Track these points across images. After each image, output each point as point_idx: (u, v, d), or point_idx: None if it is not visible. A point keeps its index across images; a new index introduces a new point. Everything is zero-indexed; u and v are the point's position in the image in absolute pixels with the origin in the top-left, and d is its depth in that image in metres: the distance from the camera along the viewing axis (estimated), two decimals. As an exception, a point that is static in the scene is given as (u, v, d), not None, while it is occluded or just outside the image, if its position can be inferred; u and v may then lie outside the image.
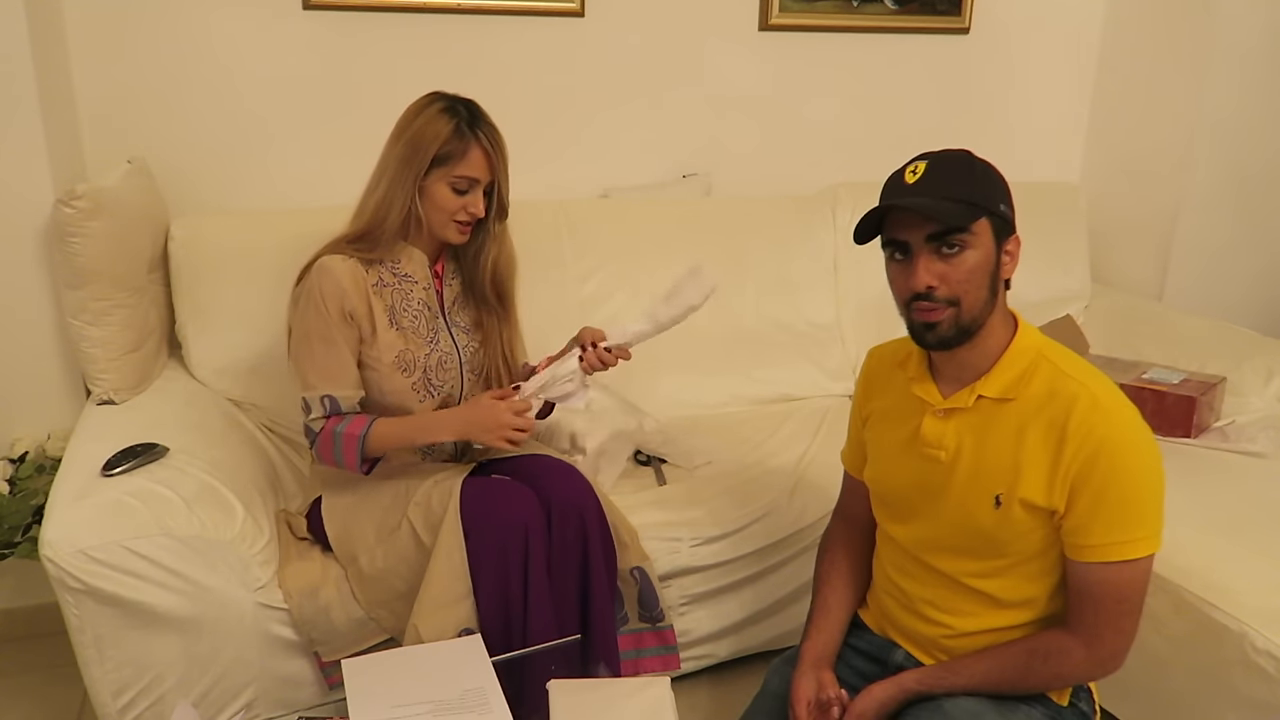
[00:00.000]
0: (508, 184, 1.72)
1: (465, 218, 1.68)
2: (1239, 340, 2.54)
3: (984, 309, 1.25)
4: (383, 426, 1.66)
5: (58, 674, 1.95)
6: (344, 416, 1.66)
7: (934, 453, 1.32)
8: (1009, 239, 1.27)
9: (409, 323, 1.73)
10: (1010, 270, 1.28)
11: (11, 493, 1.95)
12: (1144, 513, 1.22)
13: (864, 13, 2.76)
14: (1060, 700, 1.33)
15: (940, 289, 1.23)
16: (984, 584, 1.32)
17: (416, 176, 1.64)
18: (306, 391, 1.67)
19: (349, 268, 1.66)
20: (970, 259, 1.23)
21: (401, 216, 1.67)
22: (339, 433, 1.64)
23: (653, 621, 1.81)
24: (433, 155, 1.63)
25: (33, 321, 2.02)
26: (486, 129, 1.66)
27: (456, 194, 1.66)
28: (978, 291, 1.24)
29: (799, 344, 2.58)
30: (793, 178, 2.75)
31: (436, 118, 1.64)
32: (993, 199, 1.24)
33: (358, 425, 1.64)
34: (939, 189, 1.23)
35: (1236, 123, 2.79)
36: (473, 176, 1.65)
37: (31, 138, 1.93)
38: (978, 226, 1.23)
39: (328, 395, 1.65)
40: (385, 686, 1.30)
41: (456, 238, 1.71)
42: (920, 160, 1.26)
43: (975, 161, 1.27)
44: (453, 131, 1.63)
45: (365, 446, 1.65)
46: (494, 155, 1.67)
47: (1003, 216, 1.25)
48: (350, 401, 1.67)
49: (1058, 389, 1.24)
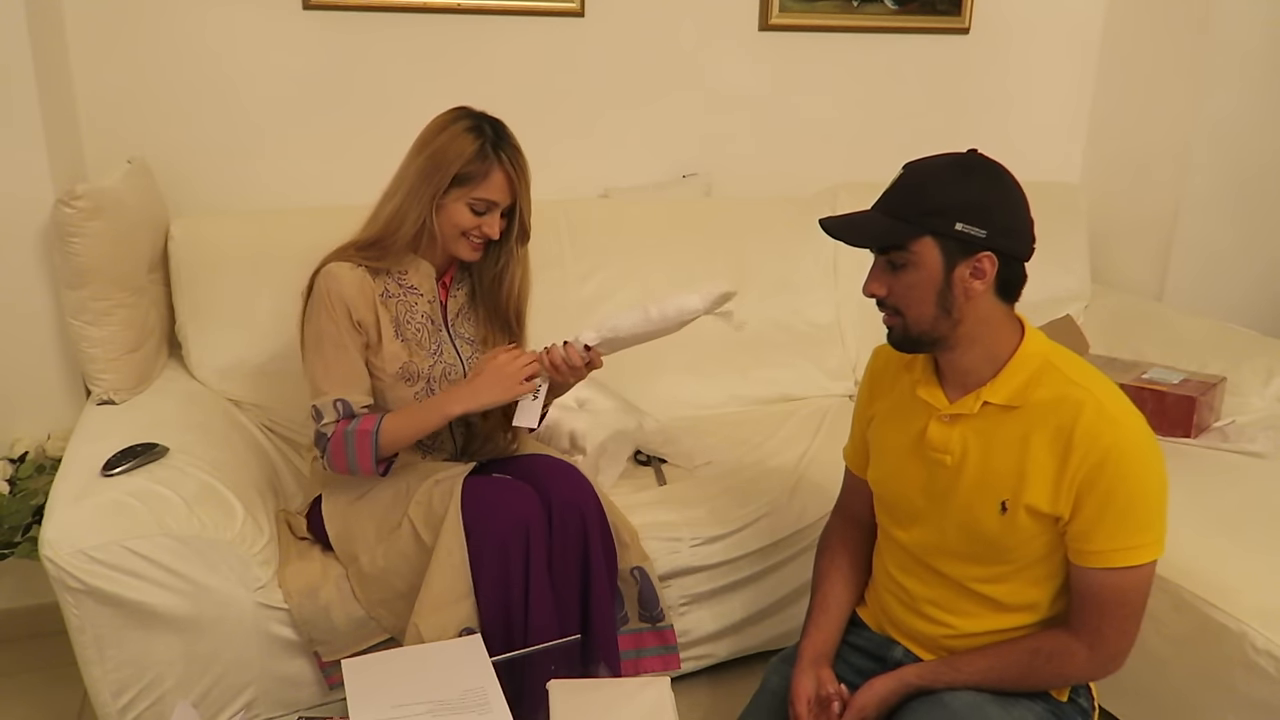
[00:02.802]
0: (530, 207, 1.70)
1: (479, 236, 1.67)
2: (1239, 340, 2.54)
3: (935, 324, 1.26)
4: (393, 418, 1.64)
5: (58, 674, 1.94)
6: (354, 418, 1.65)
7: (940, 456, 1.32)
8: (971, 258, 1.22)
9: (413, 334, 1.72)
10: (980, 289, 1.24)
11: (11, 493, 1.95)
12: (1149, 519, 1.22)
13: (864, 13, 2.77)
14: (1060, 696, 1.33)
15: (889, 298, 1.27)
16: (987, 589, 1.32)
17: (435, 194, 1.62)
18: (317, 398, 1.64)
19: (356, 276, 1.65)
20: (909, 277, 1.24)
21: (415, 230, 1.65)
22: (350, 432, 1.61)
23: (653, 621, 1.81)
24: (454, 174, 1.61)
25: (33, 321, 2.02)
26: (510, 152, 1.64)
27: (474, 214, 1.64)
28: (920, 308, 1.25)
29: (799, 344, 2.58)
30: (793, 178, 2.75)
31: (461, 136, 1.62)
32: (947, 218, 1.21)
33: (369, 421, 1.62)
34: (889, 203, 1.26)
35: (1236, 123, 2.79)
36: (492, 200, 1.64)
37: (31, 138, 1.93)
38: (919, 246, 1.23)
39: (340, 399, 1.63)
40: (385, 686, 1.30)
41: (469, 254, 1.69)
42: (902, 169, 1.27)
43: (939, 178, 1.23)
44: (476, 152, 1.61)
45: (379, 441, 1.61)
46: (516, 179, 1.64)
47: (958, 237, 1.21)
48: (362, 407, 1.66)
49: (1064, 396, 1.24)
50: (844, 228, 1.28)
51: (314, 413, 1.65)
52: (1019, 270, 1.28)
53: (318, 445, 1.65)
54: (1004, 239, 1.23)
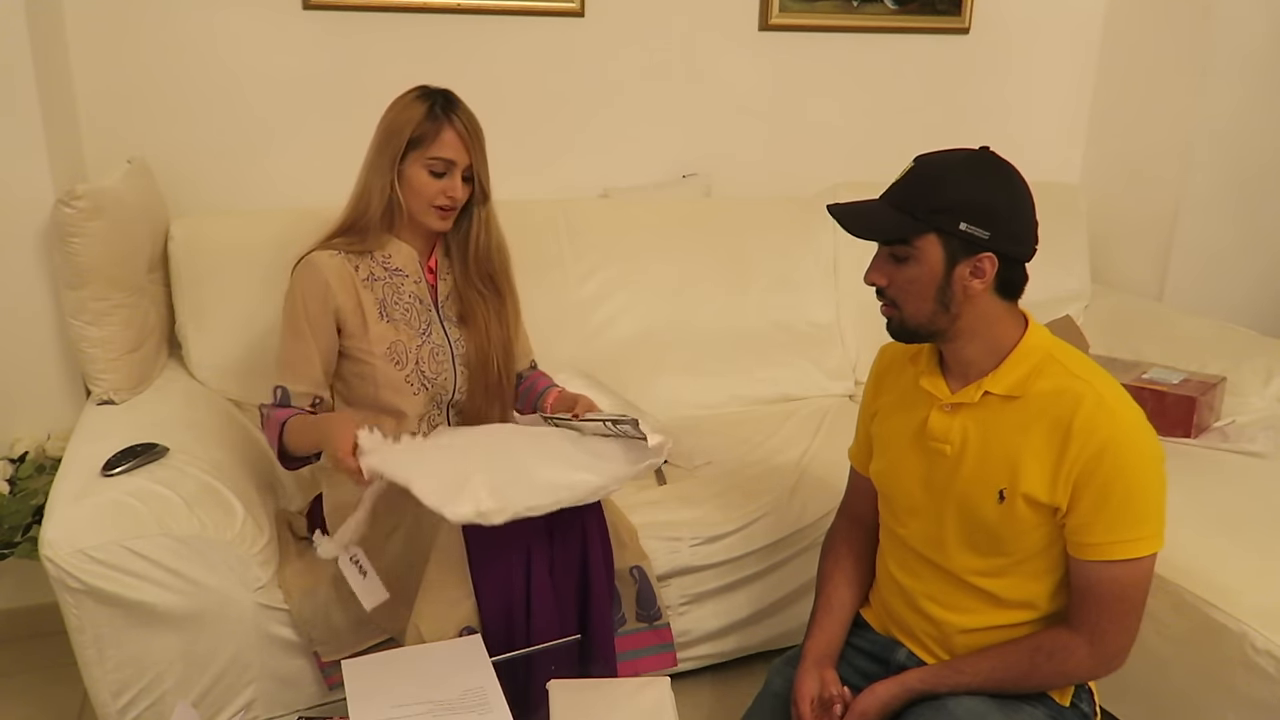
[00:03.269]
0: (486, 168, 1.73)
1: (444, 202, 1.70)
2: (1239, 340, 2.54)
3: (932, 319, 1.27)
4: (298, 421, 1.64)
5: (58, 674, 1.94)
6: (287, 407, 1.68)
7: (940, 446, 1.33)
8: (973, 258, 1.23)
9: (400, 315, 1.74)
10: (979, 288, 1.25)
11: (11, 493, 1.95)
12: (1147, 512, 1.22)
13: (864, 13, 2.76)
14: (1062, 700, 1.33)
15: (888, 289, 1.29)
16: (986, 583, 1.32)
17: (393, 161, 1.67)
18: (275, 379, 1.70)
19: (335, 264, 1.68)
20: (910, 271, 1.26)
21: (383, 203, 1.69)
22: (267, 418, 1.68)
23: (650, 620, 1.81)
24: (407, 138, 1.66)
25: (33, 321, 2.02)
26: (460, 112, 1.69)
27: (434, 176, 1.68)
28: (917, 303, 1.27)
29: (799, 344, 2.58)
30: (793, 178, 2.75)
31: (411, 104, 1.68)
32: (952, 217, 1.22)
33: (283, 413, 1.67)
34: (897, 196, 1.27)
35: (1236, 123, 2.79)
36: (447, 158, 1.67)
37: (31, 138, 1.93)
38: (921, 242, 1.24)
39: (280, 386, 1.69)
40: (385, 686, 1.30)
41: (438, 224, 1.72)
42: (913, 162, 1.28)
43: (948, 175, 1.24)
44: (425, 114, 1.66)
45: (284, 434, 1.65)
46: (468, 137, 1.68)
47: (961, 236, 1.22)
48: (300, 398, 1.69)
49: (1064, 388, 1.24)
50: (850, 216, 1.29)
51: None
52: (1020, 271, 1.28)
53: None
54: (1007, 241, 1.24)
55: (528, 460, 1.54)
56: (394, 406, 1.73)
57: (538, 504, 1.46)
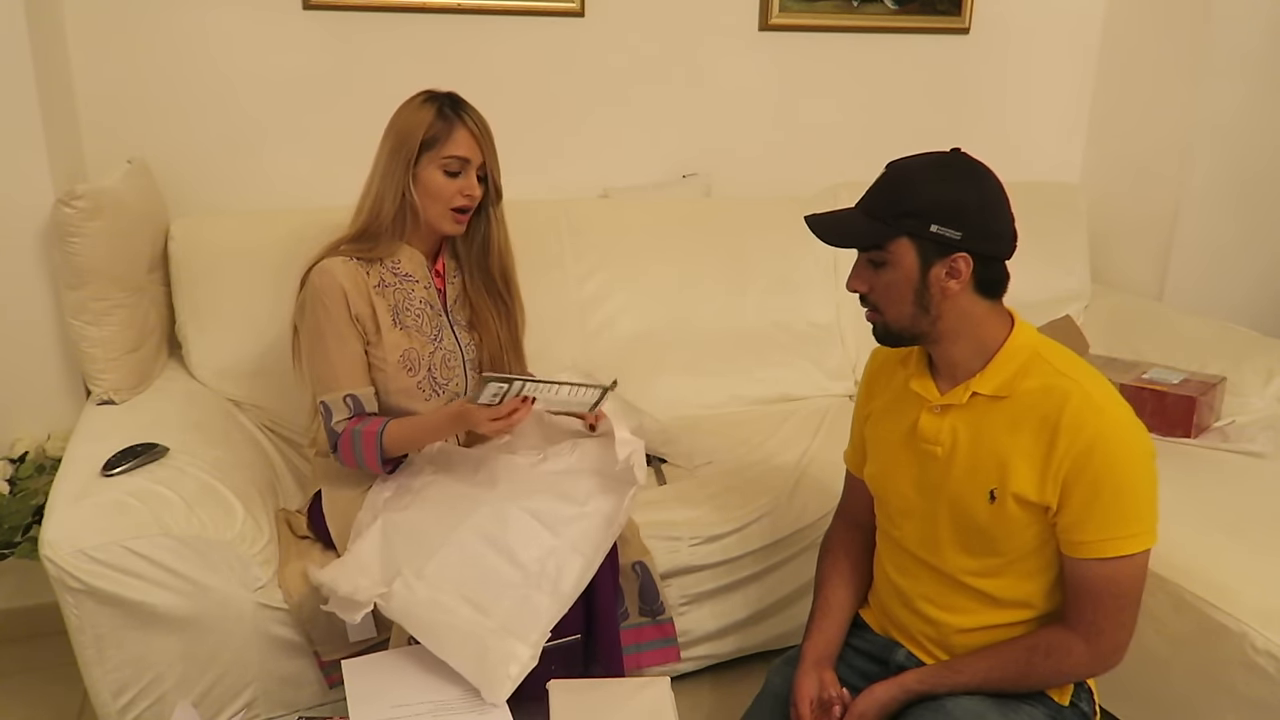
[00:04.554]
0: (498, 167, 1.73)
1: (461, 203, 1.69)
2: (1239, 340, 2.54)
3: (914, 322, 1.28)
4: (398, 425, 1.65)
5: (58, 674, 1.94)
6: (364, 417, 1.66)
7: (930, 448, 1.33)
8: (947, 259, 1.24)
9: (412, 321, 1.73)
10: (956, 288, 1.25)
11: (11, 493, 1.95)
12: (1138, 508, 1.22)
13: (864, 13, 2.76)
14: (1061, 700, 1.33)
15: (870, 295, 1.30)
16: (981, 583, 1.33)
17: (408, 164, 1.66)
18: (326, 394, 1.66)
19: (349, 270, 1.67)
20: (887, 276, 1.27)
21: (396, 209, 1.68)
22: (358, 432, 1.64)
23: (653, 615, 1.82)
24: (420, 140, 1.65)
25: (33, 321, 2.02)
26: (470, 111, 1.69)
27: (449, 177, 1.67)
28: (899, 306, 1.28)
29: (799, 344, 2.58)
30: (793, 178, 2.75)
31: (420, 107, 1.68)
32: (922, 220, 1.23)
33: (375, 424, 1.65)
34: (869, 203, 1.28)
35: (1236, 123, 2.79)
36: (462, 156, 1.67)
37: (31, 138, 1.93)
38: (895, 246, 1.25)
39: (350, 394, 1.66)
40: (385, 686, 1.30)
41: (453, 228, 1.71)
42: (886, 167, 1.29)
43: (917, 178, 1.25)
44: (436, 115, 1.66)
45: (384, 444, 1.64)
46: (480, 135, 1.69)
47: (933, 238, 1.23)
48: (370, 399, 1.68)
49: (1051, 385, 1.24)
50: (825, 226, 1.31)
51: (323, 409, 1.66)
52: (998, 269, 1.28)
53: (330, 441, 1.67)
54: (980, 240, 1.24)
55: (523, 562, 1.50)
56: (405, 412, 1.73)
57: (558, 615, 1.48)
